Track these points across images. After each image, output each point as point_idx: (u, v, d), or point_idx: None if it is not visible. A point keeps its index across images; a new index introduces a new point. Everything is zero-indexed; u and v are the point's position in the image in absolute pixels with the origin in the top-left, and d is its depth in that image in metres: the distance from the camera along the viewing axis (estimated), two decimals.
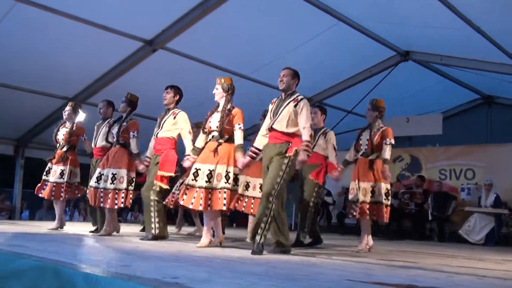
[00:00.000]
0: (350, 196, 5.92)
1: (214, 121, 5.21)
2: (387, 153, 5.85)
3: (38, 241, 4.50)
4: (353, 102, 10.67)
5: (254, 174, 6.24)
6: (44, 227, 6.58)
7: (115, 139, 6.24)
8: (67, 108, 7.26)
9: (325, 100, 11.40)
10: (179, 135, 5.76)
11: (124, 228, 8.28)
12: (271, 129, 4.79)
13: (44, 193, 6.83)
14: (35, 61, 8.53)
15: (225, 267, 3.24)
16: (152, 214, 5.61)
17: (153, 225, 5.60)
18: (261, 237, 4.46)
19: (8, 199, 11.82)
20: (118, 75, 9.08)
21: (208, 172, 4.99)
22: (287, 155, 4.57)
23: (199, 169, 5.02)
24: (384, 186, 5.81)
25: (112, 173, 6.01)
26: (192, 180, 4.99)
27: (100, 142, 6.82)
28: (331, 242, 6.38)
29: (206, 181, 4.95)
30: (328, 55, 9.67)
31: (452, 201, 10.82)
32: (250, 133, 10.74)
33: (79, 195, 7.32)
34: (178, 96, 5.87)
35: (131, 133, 6.11)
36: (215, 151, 5.06)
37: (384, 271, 3.71)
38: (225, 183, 4.98)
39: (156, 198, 5.61)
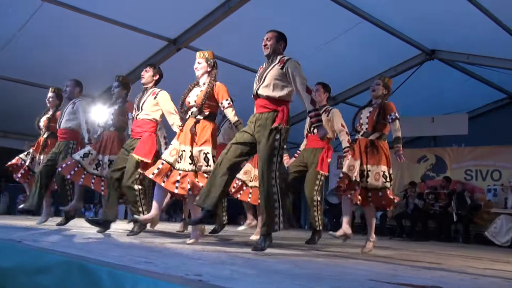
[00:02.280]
0: (349, 172, 5.00)
1: (193, 96, 4.73)
2: (396, 128, 5.10)
3: (65, 237, 4.56)
4: None
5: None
6: (71, 223, 6.63)
7: (110, 122, 5.86)
8: (50, 94, 6.84)
9: (349, 99, 11.35)
10: (161, 116, 5.31)
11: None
12: (256, 96, 4.34)
13: (21, 179, 6.63)
14: (61, 60, 8.68)
15: (249, 264, 3.23)
16: (138, 203, 5.16)
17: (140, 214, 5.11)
18: (279, 226, 4.14)
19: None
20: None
21: (182, 153, 4.58)
22: (275, 127, 4.12)
23: (184, 151, 4.59)
24: (386, 169, 5.09)
25: (109, 160, 5.70)
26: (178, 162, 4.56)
27: (64, 123, 6.35)
28: (354, 243, 6.32)
29: (190, 163, 4.53)
30: (352, 54, 9.62)
31: (466, 197, 10.63)
32: None
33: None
34: (157, 76, 5.41)
35: (130, 114, 5.67)
36: (193, 129, 4.60)
37: (408, 272, 3.67)
38: (206, 166, 4.52)
39: (140, 187, 5.17)
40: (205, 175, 4.50)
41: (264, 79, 4.27)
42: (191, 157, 4.54)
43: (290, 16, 8.25)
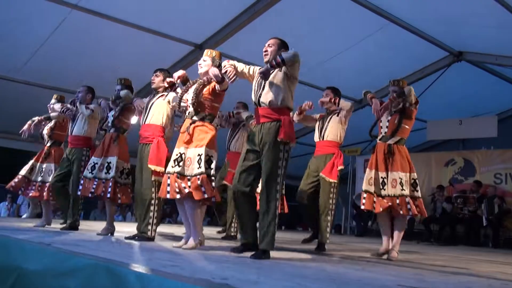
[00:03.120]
0: (368, 187, 5.00)
1: (190, 94, 4.51)
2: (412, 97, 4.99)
3: (92, 240, 4.62)
4: None
5: None
6: (96, 227, 6.69)
7: (110, 124, 5.75)
8: (53, 101, 6.76)
9: None
10: (170, 119, 5.17)
11: (167, 229, 8.41)
12: (257, 104, 4.11)
13: (33, 194, 6.54)
14: (89, 66, 8.82)
15: (274, 268, 3.23)
16: (151, 213, 4.99)
17: (149, 227, 4.98)
18: (272, 245, 3.89)
19: None
20: None
21: (178, 155, 4.37)
22: (280, 139, 3.94)
23: (183, 153, 4.38)
24: (411, 176, 4.98)
25: (108, 162, 5.57)
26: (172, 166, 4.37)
27: (76, 130, 6.23)
28: (371, 246, 6.25)
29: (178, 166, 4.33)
30: (379, 56, 9.56)
31: (493, 200, 10.42)
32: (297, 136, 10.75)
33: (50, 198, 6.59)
34: (167, 81, 5.21)
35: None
36: (187, 130, 4.38)
37: (435, 277, 3.62)
38: (198, 168, 4.26)
39: (157, 195, 4.89)
40: (198, 177, 4.23)
41: (264, 86, 4.09)
42: (190, 159, 4.32)
43: (316, 20, 8.25)
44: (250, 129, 4.69)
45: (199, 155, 4.29)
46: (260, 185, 4.09)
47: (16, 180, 6.70)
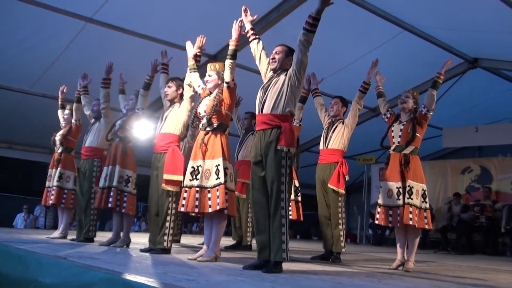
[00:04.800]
0: (386, 200, 4.98)
1: (202, 106, 4.52)
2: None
3: (107, 253, 4.64)
4: None
5: (294, 177, 6.14)
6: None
7: (115, 134, 5.84)
8: (67, 111, 7.06)
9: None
10: (183, 128, 5.15)
11: (189, 240, 8.43)
12: (260, 110, 4.04)
13: (53, 199, 6.63)
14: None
15: (289, 281, 3.22)
16: (167, 224, 4.94)
17: (165, 237, 4.94)
18: (287, 255, 3.76)
19: None
20: None
21: (194, 169, 4.41)
22: (280, 148, 3.85)
23: (200, 166, 4.41)
24: (421, 187, 4.95)
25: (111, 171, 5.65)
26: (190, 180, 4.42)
27: (89, 142, 6.36)
28: (385, 256, 6.20)
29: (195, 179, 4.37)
30: (394, 64, 9.51)
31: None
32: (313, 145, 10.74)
33: (71, 206, 6.77)
34: (181, 89, 5.20)
35: (136, 110, 5.83)
36: (202, 142, 4.41)
37: None
38: (216, 179, 4.30)
39: (174, 205, 4.95)
40: (217, 188, 4.26)
41: (267, 93, 4.02)
42: (208, 170, 4.34)
43: (330, 28, 8.22)
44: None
45: (216, 166, 4.33)
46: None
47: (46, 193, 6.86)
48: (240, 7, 4.50)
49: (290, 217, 6.11)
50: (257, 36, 4.46)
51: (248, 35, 4.44)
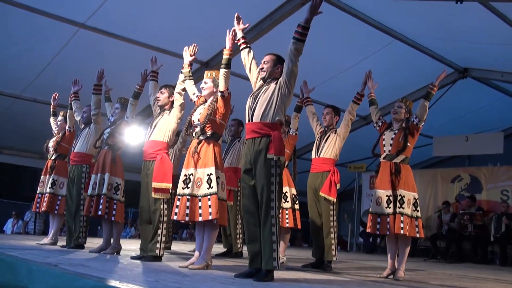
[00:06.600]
0: (375, 207, 4.99)
1: (196, 114, 4.53)
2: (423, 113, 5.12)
3: (98, 261, 4.62)
4: None
5: (291, 185, 6.19)
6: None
7: (104, 142, 5.82)
8: (60, 118, 7.13)
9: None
10: (172, 134, 5.15)
11: (179, 246, 8.40)
12: (250, 119, 4.03)
13: (45, 206, 6.62)
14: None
15: None
16: (159, 231, 4.92)
17: (158, 245, 4.92)
18: (277, 263, 3.74)
19: None
20: None
21: (186, 177, 4.42)
22: (269, 157, 3.85)
23: (191, 174, 4.42)
24: (413, 195, 4.97)
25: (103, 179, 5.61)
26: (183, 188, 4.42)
27: (78, 147, 6.32)
28: (376, 264, 6.20)
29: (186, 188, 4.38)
30: (384, 73, 9.56)
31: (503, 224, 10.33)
32: (305, 152, 10.76)
33: (64, 212, 6.57)
34: (173, 97, 5.18)
35: (125, 118, 5.78)
36: (195, 150, 4.42)
37: None
38: (208, 188, 4.32)
39: (166, 212, 4.96)
40: (209, 198, 4.29)
41: (257, 102, 4.01)
42: (187, 180, 4.38)
43: (322, 37, 8.28)
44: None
45: (208, 175, 4.34)
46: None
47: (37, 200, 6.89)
48: (233, 15, 4.52)
49: (287, 225, 6.14)
50: (248, 45, 4.49)
51: (239, 44, 4.47)
